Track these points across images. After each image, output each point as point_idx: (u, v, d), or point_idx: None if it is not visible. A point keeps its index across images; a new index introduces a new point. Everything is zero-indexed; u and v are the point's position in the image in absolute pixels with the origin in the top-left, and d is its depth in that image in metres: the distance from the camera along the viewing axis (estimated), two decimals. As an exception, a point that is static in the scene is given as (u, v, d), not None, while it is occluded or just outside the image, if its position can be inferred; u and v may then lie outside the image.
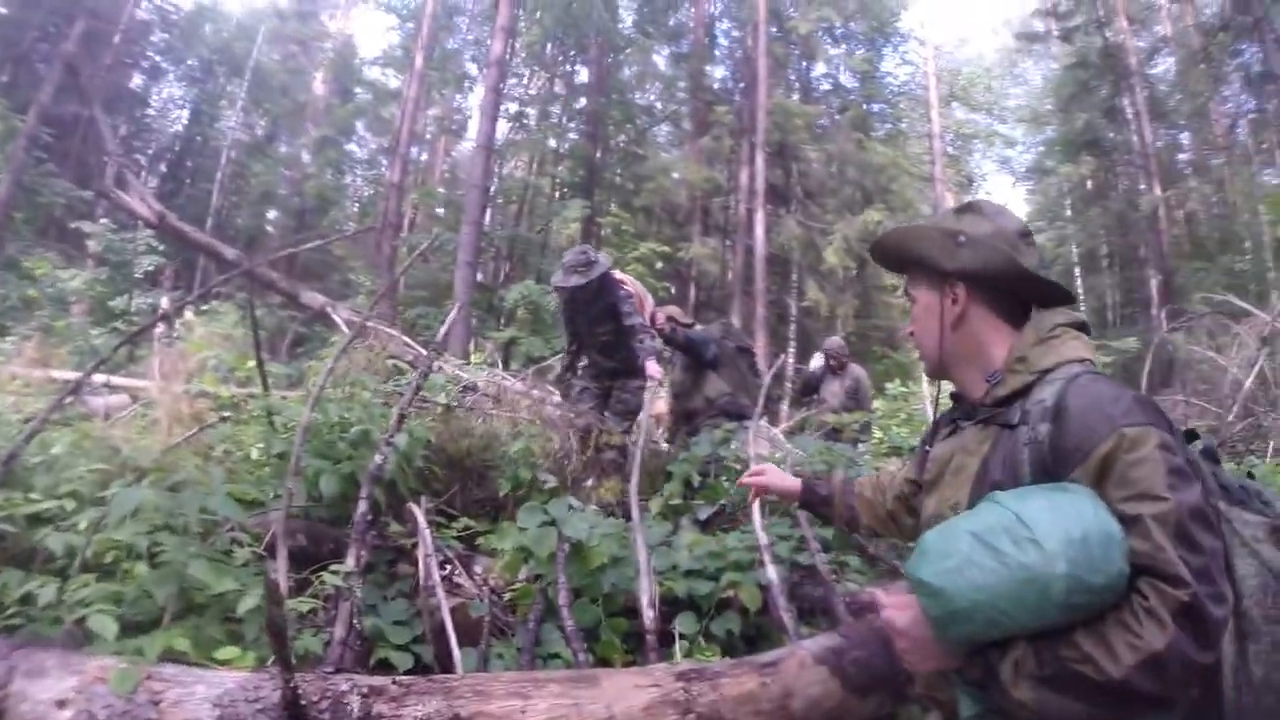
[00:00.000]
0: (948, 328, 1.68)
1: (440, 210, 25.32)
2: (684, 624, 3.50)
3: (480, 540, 4.42)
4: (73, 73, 14.56)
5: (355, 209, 30.28)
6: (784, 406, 15.79)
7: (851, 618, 3.40)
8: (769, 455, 6.00)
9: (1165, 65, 26.84)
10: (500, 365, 9.81)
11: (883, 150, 24.12)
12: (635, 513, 3.62)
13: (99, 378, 6.89)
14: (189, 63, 32.47)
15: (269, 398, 4.39)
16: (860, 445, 8.32)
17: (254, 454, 4.25)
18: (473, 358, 9.85)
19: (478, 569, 4.16)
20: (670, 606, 3.55)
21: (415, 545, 3.83)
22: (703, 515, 5.04)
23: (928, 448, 1.86)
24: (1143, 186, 25.43)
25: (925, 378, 10.83)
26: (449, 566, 3.99)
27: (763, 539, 3.74)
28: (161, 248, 16.86)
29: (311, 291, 7.93)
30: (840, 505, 2.26)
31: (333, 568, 3.04)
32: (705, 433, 5.78)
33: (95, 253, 17.23)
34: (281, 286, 7.49)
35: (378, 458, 3.43)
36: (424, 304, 18.87)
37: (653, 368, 5.93)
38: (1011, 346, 1.60)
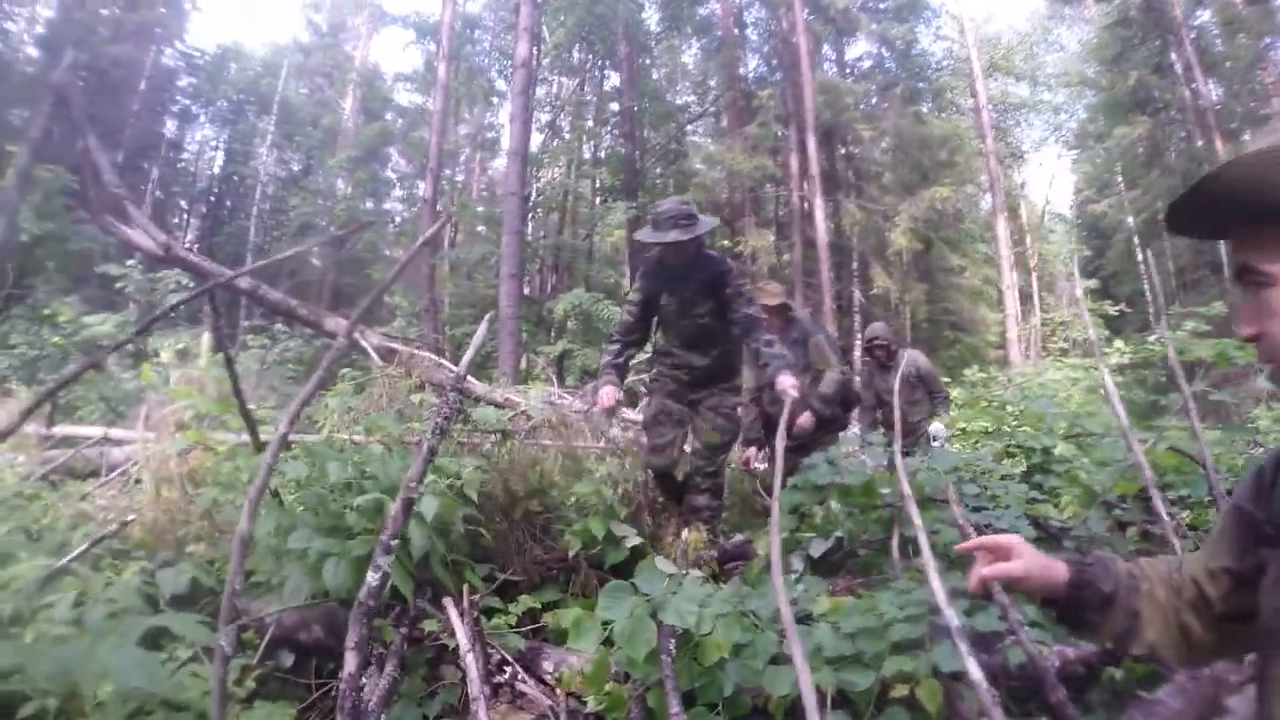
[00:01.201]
0: None
1: (481, 228, 24.68)
2: None
3: (546, 618, 3.41)
4: (64, 104, 13.94)
5: (391, 229, 29.85)
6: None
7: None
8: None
9: (1208, 14, 25.72)
10: (555, 383, 8.80)
11: (941, 122, 22.86)
12: (778, 579, 2.51)
13: (96, 431, 6.13)
14: (218, 104, 33.43)
15: (259, 451, 3.39)
16: (936, 441, 6.94)
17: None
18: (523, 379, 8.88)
19: (547, 666, 3.11)
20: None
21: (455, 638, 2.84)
22: (815, 551, 4.00)
23: (1257, 512, 1.27)
24: (1200, 144, 24.32)
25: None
26: (507, 669, 2.96)
27: (951, 617, 2.58)
28: (191, 284, 16.37)
29: (338, 317, 7.09)
30: (1121, 611, 1.45)
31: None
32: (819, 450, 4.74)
33: (131, 295, 16.75)
34: (293, 309, 6.60)
35: (385, 534, 2.40)
36: (471, 323, 18.17)
37: (787, 381, 4.31)
38: None
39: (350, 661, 2.29)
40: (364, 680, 2.86)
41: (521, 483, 4.00)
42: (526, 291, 16.67)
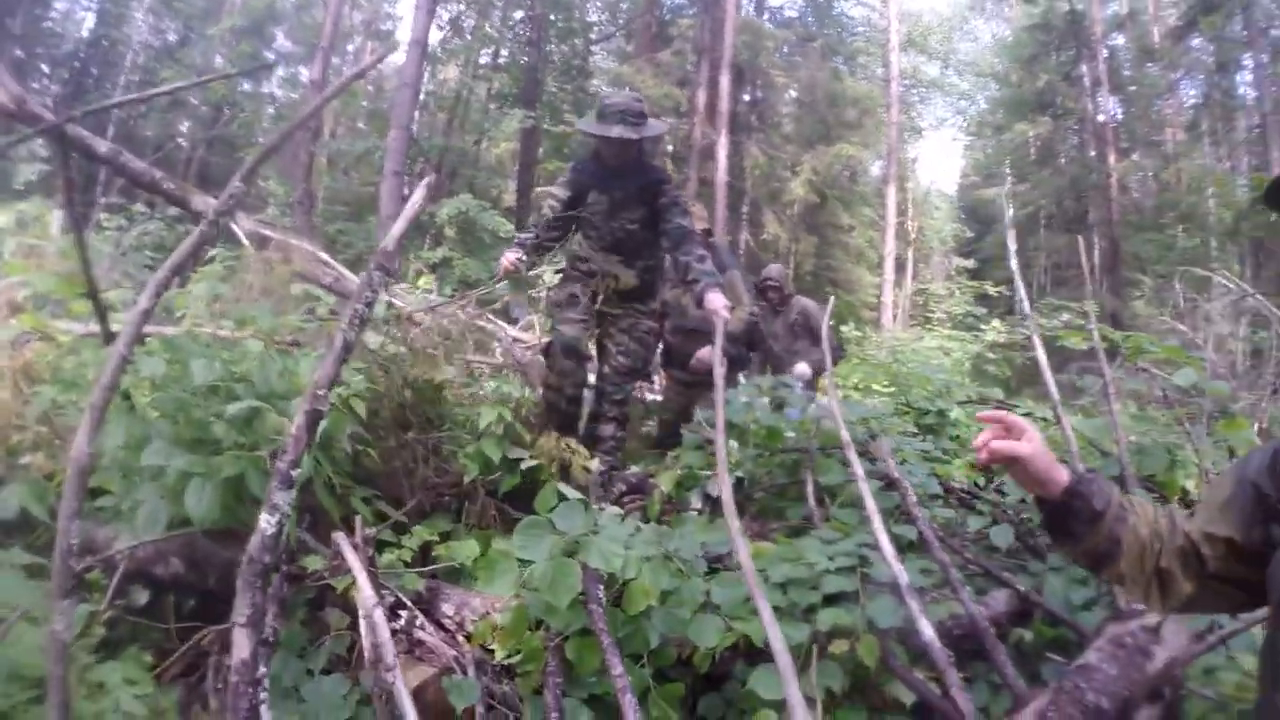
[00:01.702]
0: None
1: (362, 124, 23.34)
2: (764, 684, 2.25)
3: (438, 549, 3.01)
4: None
5: (272, 114, 28.02)
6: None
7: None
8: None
9: (1122, 40, 27.61)
10: (435, 290, 8.30)
11: (855, 84, 22.87)
12: (734, 523, 2.19)
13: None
14: None
15: (109, 343, 2.79)
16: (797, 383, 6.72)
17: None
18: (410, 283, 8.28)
19: (447, 609, 2.71)
20: (736, 654, 2.50)
21: (346, 577, 2.42)
22: (715, 490, 3.72)
23: (1271, 490, 1.32)
24: (1092, 154, 25.79)
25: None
26: (402, 614, 2.54)
27: (900, 573, 2.52)
28: (46, 155, 14.89)
29: (207, 197, 6.29)
30: (1104, 534, 1.54)
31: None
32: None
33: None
34: (157, 182, 5.73)
35: (285, 458, 1.79)
36: (345, 219, 17.20)
37: (718, 300, 3.92)
38: None
39: (242, 644, 1.75)
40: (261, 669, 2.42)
41: (414, 395, 3.54)
42: (407, 193, 15.70)
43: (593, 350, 4.64)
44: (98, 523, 2.67)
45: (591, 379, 4.64)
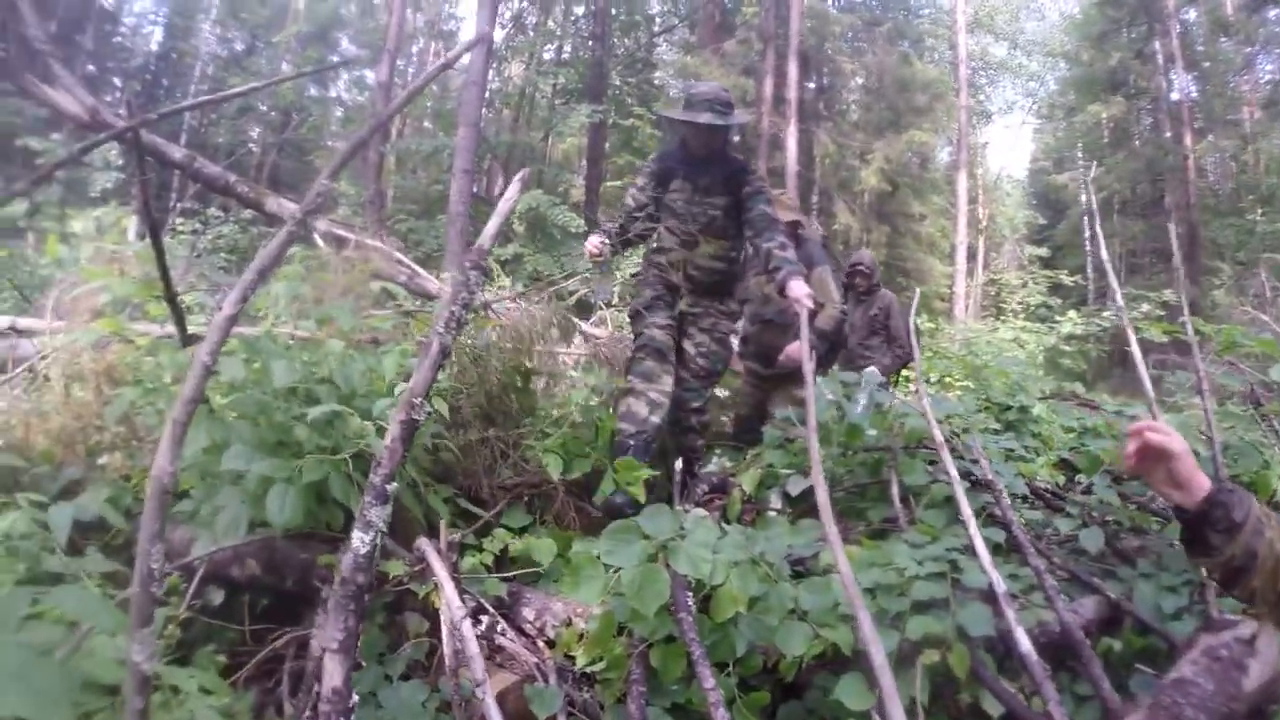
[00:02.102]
0: None
1: (428, 124, 23.55)
2: (851, 694, 2.14)
3: (513, 545, 2.94)
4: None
5: (340, 116, 28.49)
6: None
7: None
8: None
9: (1194, 14, 26.14)
10: (509, 286, 8.31)
11: (925, 67, 22.30)
12: (831, 528, 2.08)
13: (1, 320, 5.40)
14: None
15: (187, 345, 2.78)
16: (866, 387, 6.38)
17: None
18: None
19: (528, 613, 2.64)
20: (820, 662, 2.35)
21: (428, 582, 2.36)
22: (794, 489, 3.63)
23: None
24: (1168, 135, 24.97)
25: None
26: (484, 619, 2.47)
27: (997, 581, 2.40)
28: (121, 163, 15.27)
29: (281, 199, 6.35)
30: (1241, 547, 1.46)
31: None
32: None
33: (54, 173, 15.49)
34: (231, 186, 5.78)
35: (380, 471, 1.70)
36: (415, 218, 17.36)
37: (800, 288, 3.74)
38: None
39: (334, 671, 1.67)
40: (315, 632, 2.38)
41: (500, 385, 3.48)
42: (476, 190, 15.81)
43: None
44: (174, 524, 2.65)
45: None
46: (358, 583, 1.50)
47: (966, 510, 2.69)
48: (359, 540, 1.47)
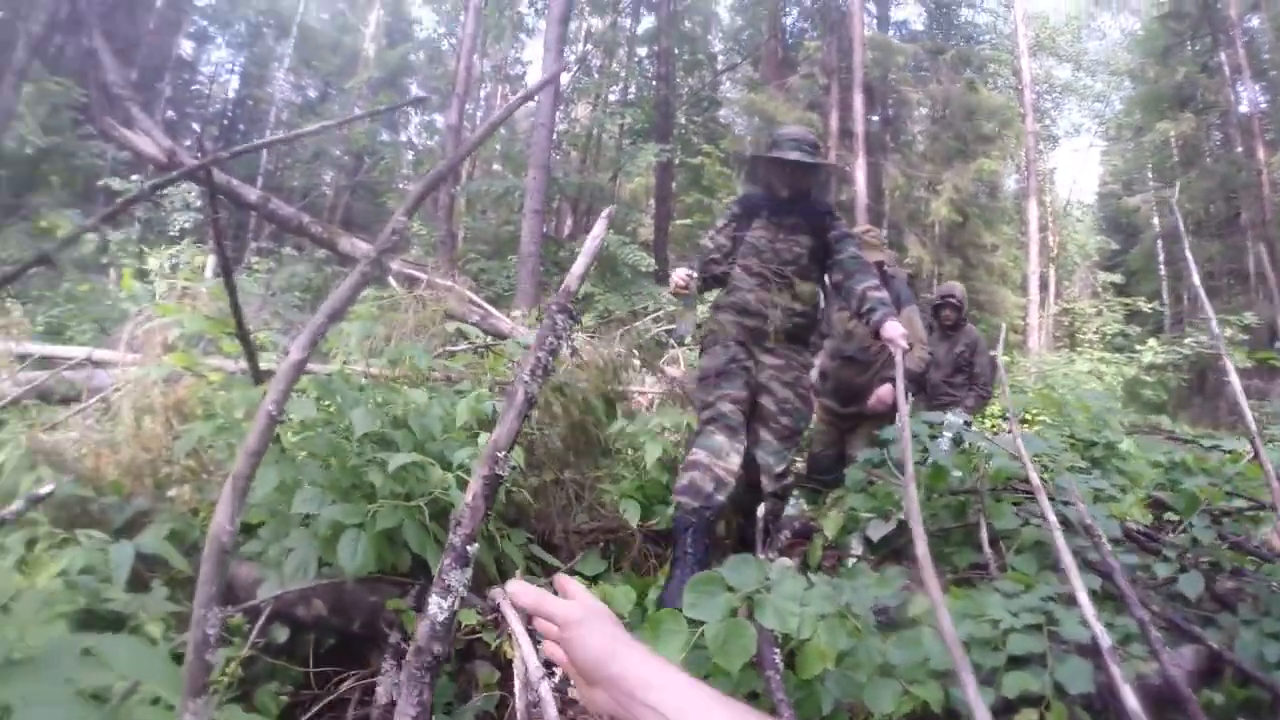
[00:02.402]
0: None
1: (497, 166, 23.91)
2: None
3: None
4: (73, 10, 13.02)
5: (411, 159, 29.11)
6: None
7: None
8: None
9: (1256, 21, 25.29)
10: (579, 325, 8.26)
11: (991, 94, 21.93)
12: (933, 584, 1.92)
13: (79, 351, 5.54)
14: (236, 26, 32.63)
15: (259, 383, 2.76)
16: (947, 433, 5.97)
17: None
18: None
19: (605, 666, 2.52)
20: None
21: (501, 631, 2.27)
22: (875, 534, 3.57)
23: None
24: (1239, 149, 24.01)
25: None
26: (556, 671, 2.37)
27: (1101, 635, 2.21)
28: (198, 203, 15.75)
29: (354, 239, 6.41)
30: None
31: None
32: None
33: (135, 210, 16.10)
34: (305, 226, 5.87)
35: (460, 531, 1.58)
36: (486, 258, 17.56)
37: (895, 329, 3.53)
38: None
39: None
40: (380, 679, 2.30)
41: (572, 432, 3.38)
42: (545, 230, 15.94)
43: None
44: (240, 560, 2.62)
45: None
46: (434, 653, 1.36)
47: (1067, 558, 2.51)
48: (436, 607, 1.32)
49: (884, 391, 5.04)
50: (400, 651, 2.33)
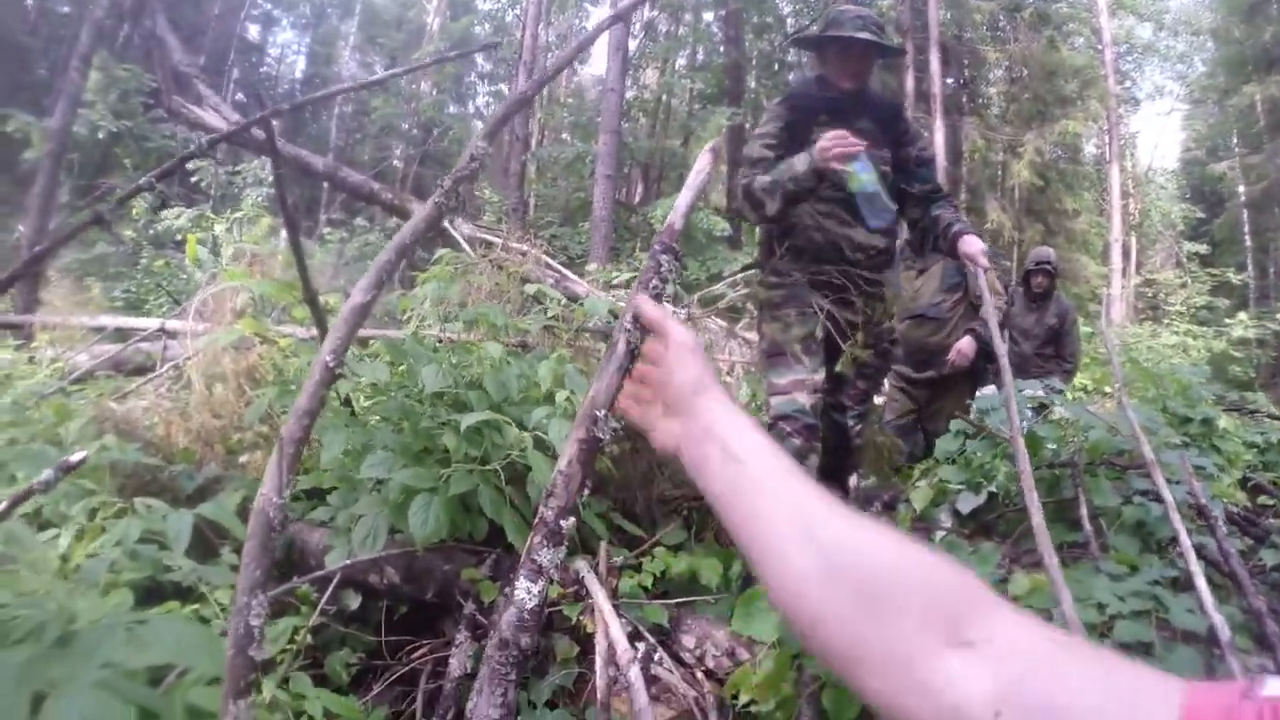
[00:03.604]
0: None
1: (565, 135, 23.84)
2: None
3: (675, 569, 2.67)
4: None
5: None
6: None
7: None
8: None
9: None
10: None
11: (1073, 53, 21.05)
12: (1052, 561, 1.74)
13: (152, 323, 5.61)
14: (301, 8, 33.56)
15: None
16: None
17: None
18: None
19: (688, 641, 2.40)
20: None
21: (582, 604, 2.16)
22: (965, 506, 3.30)
23: None
24: None
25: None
26: (640, 647, 2.24)
27: (1221, 625, 1.98)
28: (271, 178, 15.98)
29: (423, 204, 6.40)
30: None
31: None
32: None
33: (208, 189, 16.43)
34: (375, 193, 5.80)
35: (553, 503, 1.18)
36: (558, 225, 17.56)
37: (976, 245, 3.12)
38: None
39: None
40: (454, 650, 2.21)
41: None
42: (616, 196, 15.82)
43: None
44: (312, 525, 2.55)
45: None
46: (520, 646, 1.16)
47: (1186, 541, 2.31)
48: (525, 592, 1.10)
49: (963, 344, 4.69)
50: (475, 623, 2.23)
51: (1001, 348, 2.56)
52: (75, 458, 2.02)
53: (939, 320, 4.83)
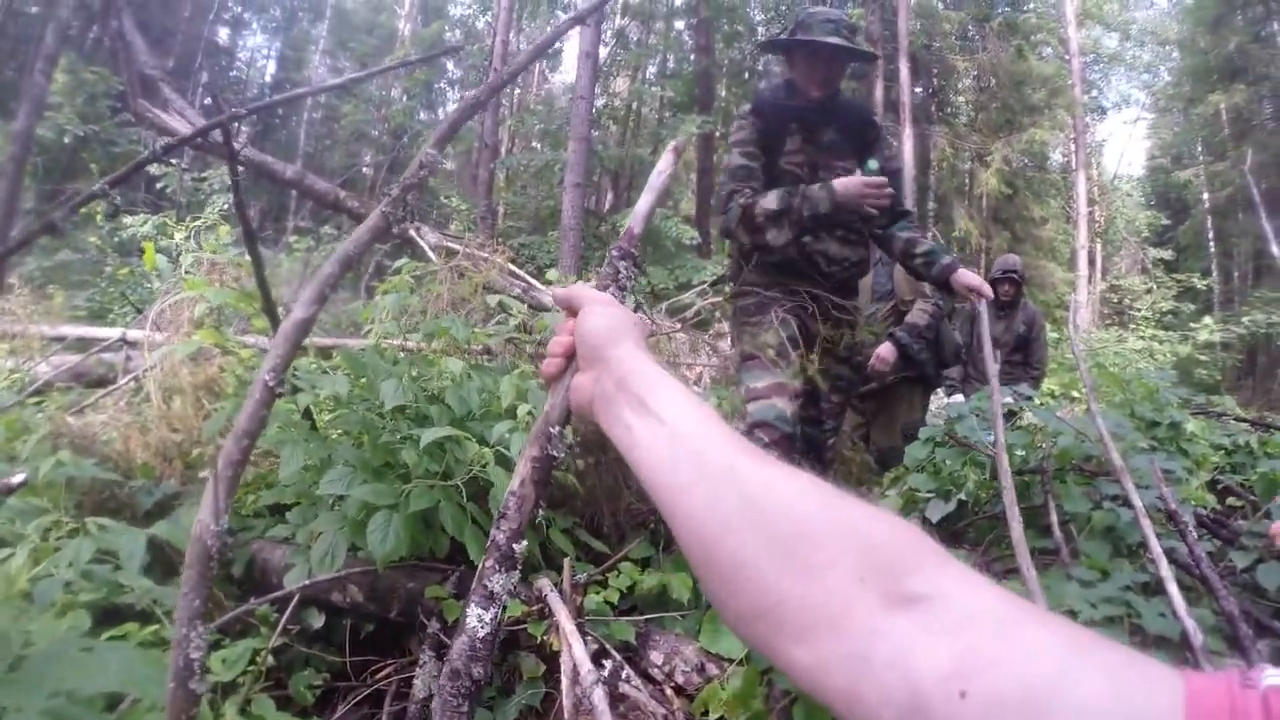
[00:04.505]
0: None
1: (536, 144, 23.81)
2: None
3: (642, 584, 2.64)
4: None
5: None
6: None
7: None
8: None
9: None
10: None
11: (1042, 62, 21.38)
12: (1026, 562, 1.72)
13: (113, 332, 5.51)
14: (271, 11, 33.87)
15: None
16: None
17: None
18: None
19: (655, 657, 2.36)
20: None
21: (547, 622, 2.12)
22: (934, 514, 3.22)
23: None
24: None
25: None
26: (607, 664, 2.20)
27: (1194, 630, 1.98)
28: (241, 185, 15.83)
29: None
30: None
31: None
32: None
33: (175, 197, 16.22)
34: (340, 201, 5.73)
35: (505, 525, 1.10)
36: (527, 233, 17.51)
37: (969, 277, 3.13)
38: None
39: None
40: (418, 671, 2.16)
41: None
42: (586, 205, 15.80)
43: None
44: (273, 543, 2.49)
45: None
46: (473, 677, 1.08)
47: (1156, 545, 2.30)
48: (477, 619, 1.04)
49: (884, 350, 4.56)
50: (439, 642, 2.18)
51: (994, 367, 2.54)
52: (16, 479, 1.95)
53: (872, 330, 4.82)
